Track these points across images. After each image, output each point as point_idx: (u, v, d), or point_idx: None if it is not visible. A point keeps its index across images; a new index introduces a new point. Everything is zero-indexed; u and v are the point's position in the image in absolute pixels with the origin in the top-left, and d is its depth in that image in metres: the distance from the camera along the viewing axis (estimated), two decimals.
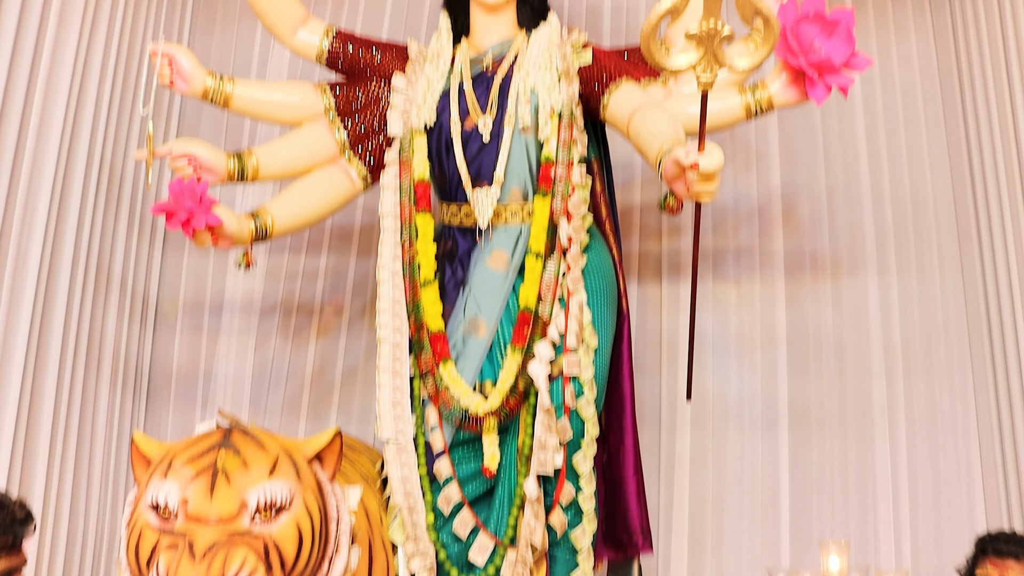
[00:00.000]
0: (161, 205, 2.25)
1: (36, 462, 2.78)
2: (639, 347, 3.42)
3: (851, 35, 2.29)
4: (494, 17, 2.63)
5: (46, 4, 2.80)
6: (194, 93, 2.57)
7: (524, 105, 2.51)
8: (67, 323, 2.96)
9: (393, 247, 2.54)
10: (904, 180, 3.55)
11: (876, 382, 3.41)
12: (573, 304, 2.43)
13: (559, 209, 2.46)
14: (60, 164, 2.89)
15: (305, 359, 3.50)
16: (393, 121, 2.63)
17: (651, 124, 2.15)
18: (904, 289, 3.47)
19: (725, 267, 3.52)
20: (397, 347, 2.48)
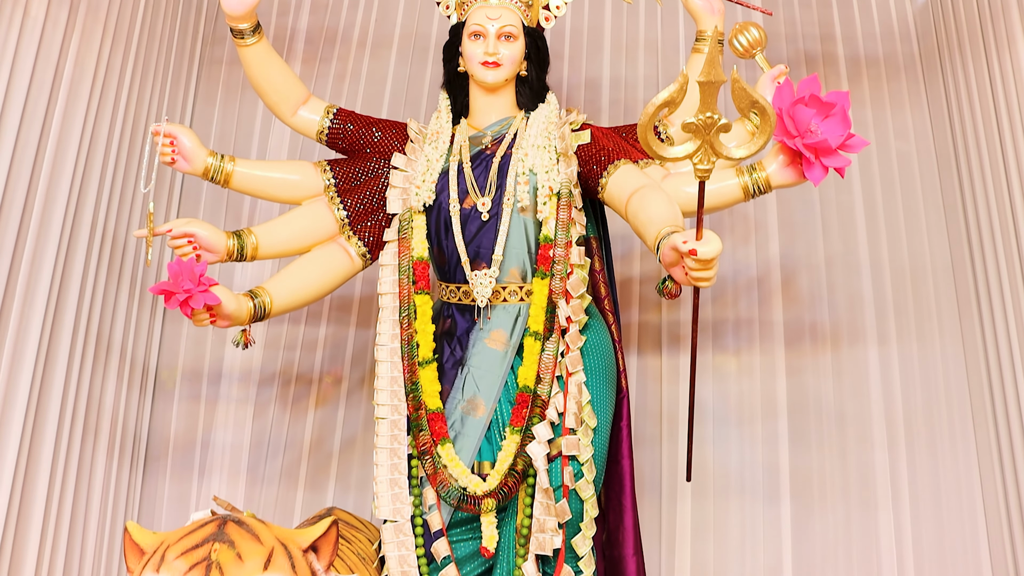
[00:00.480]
0: (160, 285, 2.26)
1: (30, 530, 2.76)
2: (639, 418, 3.42)
3: (847, 117, 2.31)
4: (493, 97, 2.67)
5: (56, 75, 2.85)
6: (195, 172, 2.60)
7: (523, 185, 2.53)
8: (66, 390, 2.96)
9: (392, 326, 2.55)
10: (903, 250, 3.57)
11: (878, 452, 3.40)
12: (572, 385, 2.43)
13: (558, 290, 2.47)
14: (64, 234, 2.92)
15: (303, 429, 3.49)
16: (392, 200, 2.65)
17: (649, 207, 2.16)
18: (905, 358, 3.47)
19: (725, 338, 3.52)
20: (395, 426, 2.47)
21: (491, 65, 2.59)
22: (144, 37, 3.34)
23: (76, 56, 2.94)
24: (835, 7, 3.87)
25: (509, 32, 2.60)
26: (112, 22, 3.12)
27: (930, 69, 3.72)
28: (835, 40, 3.84)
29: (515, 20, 2.62)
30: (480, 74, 2.61)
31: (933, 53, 3.70)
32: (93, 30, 3.02)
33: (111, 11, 3.12)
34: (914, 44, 3.81)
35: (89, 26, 3.00)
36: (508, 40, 2.61)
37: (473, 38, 2.62)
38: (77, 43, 2.94)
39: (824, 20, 3.86)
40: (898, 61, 3.80)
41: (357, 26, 3.91)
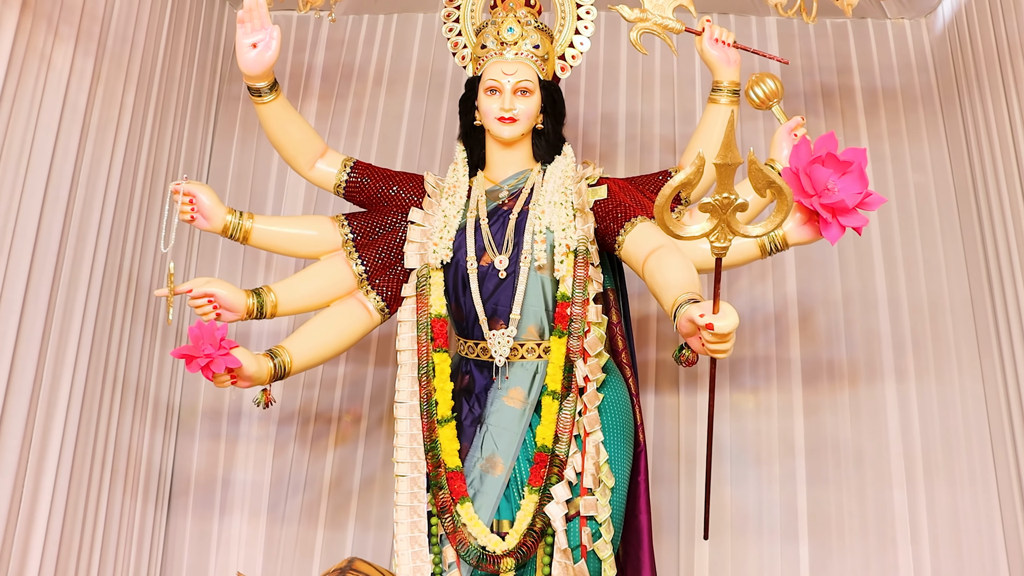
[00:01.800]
0: (181, 350, 2.29)
1: (55, 569, 2.79)
2: (656, 456, 3.43)
3: (864, 175, 2.30)
4: (510, 151, 2.68)
5: (84, 124, 2.90)
6: (214, 230, 2.62)
7: (540, 244, 2.54)
8: (96, 430, 3.02)
9: (410, 383, 2.57)
10: (920, 286, 3.55)
11: (897, 490, 3.39)
12: (590, 444, 2.44)
13: (575, 349, 2.48)
14: (94, 278, 2.97)
15: (323, 467, 3.51)
16: (410, 255, 2.66)
17: (666, 271, 2.17)
18: (923, 395, 3.46)
19: (742, 376, 3.52)
20: (415, 483, 2.49)
21: (507, 121, 2.61)
22: (164, 78, 3.38)
23: (101, 104, 2.98)
24: (852, 39, 3.86)
25: (525, 87, 2.62)
26: (135, 67, 3.16)
27: (948, 101, 3.70)
28: (852, 72, 3.83)
29: (531, 75, 2.63)
30: (496, 129, 2.63)
31: (951, 84, 3.68)
32: (116, 77, 3.06)
33: (133, 56, 3.15)
34: (932, 75, 3.79)
35: (112, 73, 3.04)
36: (524, 95, 2.62)
37: (489, 93, 2.63)
38: (102, 91, 2.98)
39: (840, 52, 3.85)
40: (915, 93, 3.78)
41: (373, 62, 3.93)
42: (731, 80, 2.70)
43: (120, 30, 3.08)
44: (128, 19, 3.12)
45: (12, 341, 2.60)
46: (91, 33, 2.92)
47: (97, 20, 2.95)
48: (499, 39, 2.65)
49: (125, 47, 3.12)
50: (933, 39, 3.81)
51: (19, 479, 2.67)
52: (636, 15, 2.78)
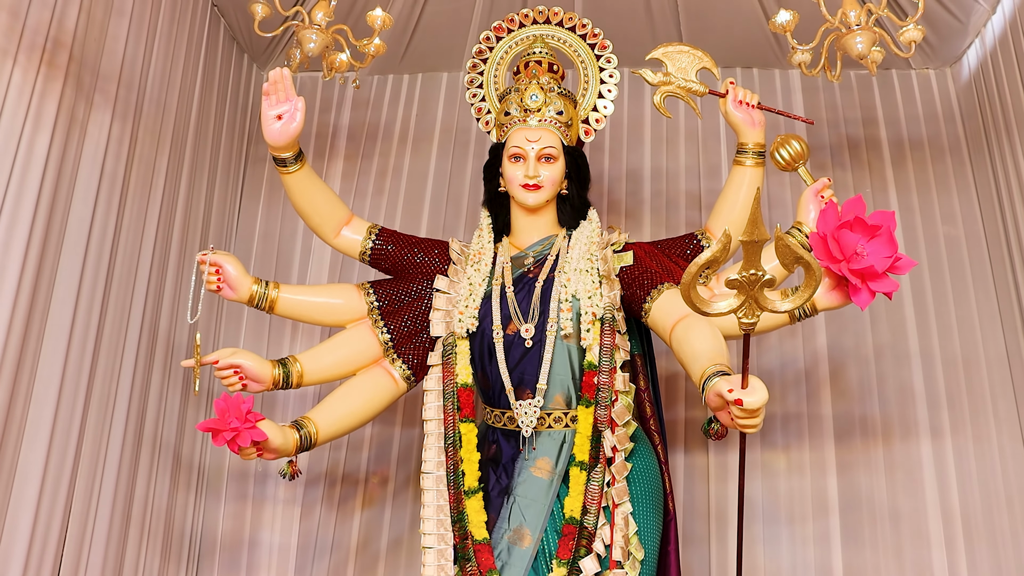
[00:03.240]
0: (207, 423, 2.29)
1: None
2: (687, 517, 3.37)
3: (893, 238, 2.27)
4: (535, 217, 2.68)
5: (124, 188, 2.96)
6: (240, 299, 2.63)
7: (565, 312, 2.53)
8: (134, 493, 3.06)
9: (437, 453, 2.54)
10: (954, 339, 3.50)
11: (936, 550, 3.31)
12: (619, 516, 2.40)
13: (603, 418, 2.45)
14: (130, 340, 3.01)
15: (350, 529, 3.50)
16: (436, 323, 2.66)
17: (694, 341, 2.14)
18: (960, 453, 3.39)
19: (773, 433, 3.47)
20: (442, 555, 2.46)
21: (532, 188, 2.61)
22: (196, 141, 3.45)
23: (137, 169, 3.05)
24: (876, 90, 3.85)
25: (549, 153, 2.62)
26: (167, 131, 3.23)
27: (976, 150, 3.67)
28: (878, 124, 3.81)
29: (555, 141, 2.63)
30: (521, 196, 2.63)
31: (979, 134, 3.65)
32: (150, 142, 3.13)
33: (166, 120, 3.22)
34: (959, 125, 3.76)
35: (146, 138, 3.10)
36: (548, 161, 2.62)
37: (513, 160, 2.63)
38: (137, 157, 3.05)
39: (866, 104, 3.84)
40: (943, 143, 3.75)
41: (398, 122, 3.96)
42: (756, 142, 2.68)
43: (154, 95, 3.14)
44: (161, 84, 3.19)
45: (54, 401, 2.63)
46: (128, 101, 2.98)
47: (133, 87, 3.01)
48: (522, 106, 2.66)
49: (159, 112, 3.18)
50: (959, 89, 3.79)
51: (61, 537, 2.69)
52: (659, 79, 2.78)
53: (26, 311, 2.52)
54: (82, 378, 2.78)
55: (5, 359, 2.44)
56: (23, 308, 2.51)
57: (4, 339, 2.43)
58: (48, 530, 2.64)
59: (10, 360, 2.46)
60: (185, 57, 3.35)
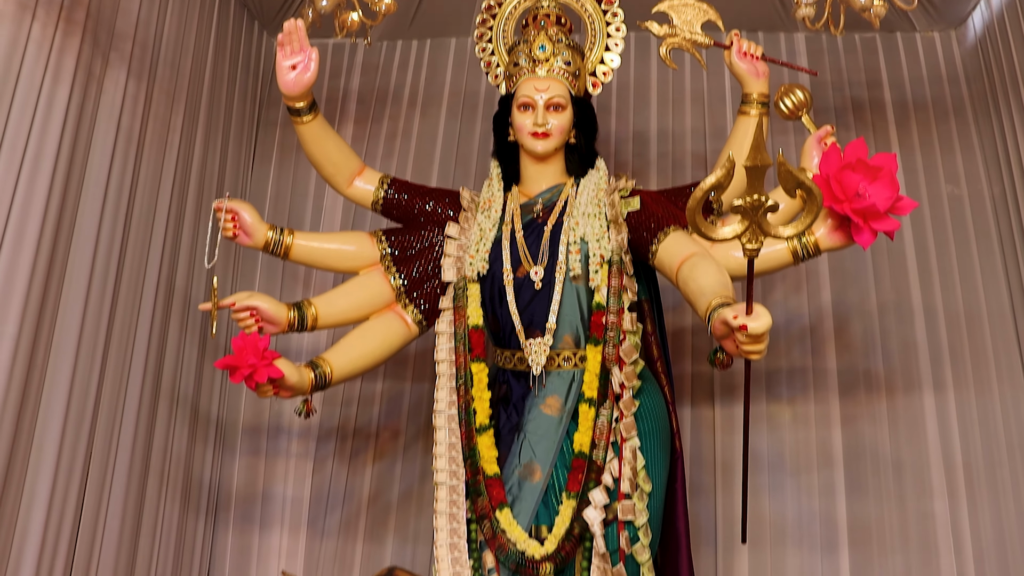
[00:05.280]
0: (225, 360, 2.35)
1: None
2: (694, 468, 3.43)
3: (894, 179, 2.33)
4: (543, 165, 2.73)
5: (139, 145, 3.02)
6: (256, 246, 2.69)
7: (574, 254, 2.59)
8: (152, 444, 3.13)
9: (449, 393, 2.61)
10: (956, 295, 3.54)
11: (938, 500, 3.36)
12: (626, 450, 2.46)
13: (611, 357, 2.52)
14: (147, 293, 3.08)
15: (362, 482, 3.56)
16: (447, 269, 2.72)
17: (699, 277, 2.20)
18: (962, 406, 3.44)
19: (779, 387, 3.52)
20: (454, 491, 2.52)
21: (540, 136, 2.66)
22: (209, 103, 3.51)
23: (152, 127, 3.11)
24: (881, 53, 3.88)
25: (557, 103, 2.67)
26: (182, 92, 3.29)
27: (982, 112, 3.71)
28: (882, 86, 3.85)
29: (563, 91, 2.69)
30: (530, 144, 2.68)
31: (984, 95, 3.68)
32: (165, 102, 3.19)
33: (180, 82, 3.28)
34: (963, 87, 3.80)
35: (161, 98, 3.16)
36: (556, 110, 2.67)
37: (522, 109, 2.69)
38: (153, 115, 3.11)
39: (870, 66, 3.88)
40: (947, 105, 3.79)
41: (407, 86, 4.01)
42: (760, 92, 2.73)
43: (168, 56, 3.20)
44: (175, 45, 3.24)
45: (73, 354, 2.70)
46: (143, 60, 3.04)
47: (147, 48, 3.07)
48: (531, 57, 2.71)
49: (173, 73, 3.24)
50: (964, 51, 3.82)
51: (81, 487, 2.77)
52: (665, 31, 2.83)
53: (47, 263, 2.58)
54: (100, 331, 2.84)
55: (26, 313, 2.50)
56: (44, 260, 2.57)
57: (25, 292, 2.49)
58: (69, 480, 2.70)
59: (31, 313, 2.52)
60: (198, 21, 3.41)
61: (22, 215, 2.51)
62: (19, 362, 2.48)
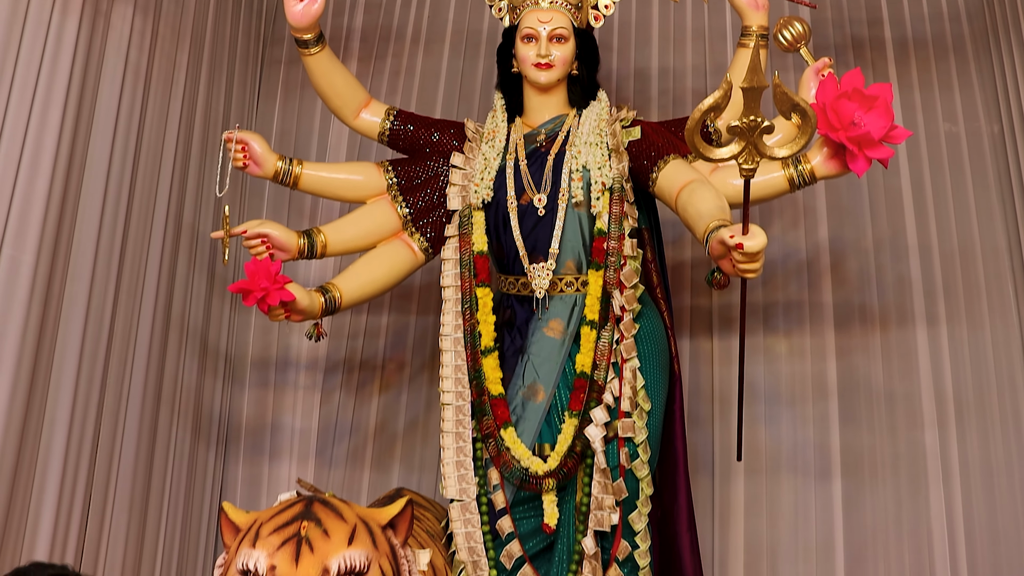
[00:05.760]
0: (238, 284, 2.42)
1: (117, 503, 2.96)
2: (692, 399, 3.52)
3: (889, 109, 2.38)
4: (546, 96, 2.79)
5: (147, 80, 3.05)
6: (265, 175, 2.76)
7: (576, 182, 2.65)
8: (163, 376, 3.21)
9: (455, 317, 2.69)
10: (951, 232, 3.59)
11: (929, 432, 3.44)
12: (627, 370, 2.56)
13: (612, 280, 2.59)
14: (156, 227, 3.14)
15: (368, 413, 3.64)
16: (452, 197, 2.79)
17: (698, 202, 2.27)
18: (954, 340, 3.50)
19: (775, 320, 3.60)
20: (460, 411, 2.62)
21: (543, 67, 2.71)
22: (214, 40, 3.53)
23: (159, 62, 3.14)
24: None
25: (560, 34, 2.72)
26: (187, 29, 3.31)
27: (982, 50, 3.72)
28: (882, 24, 3.86)
29: (565, 22, 2.73)
30: (533, 75, 2.73)
31: (984, 34, 3.70)
32: (171, 38, 3.22)
33: (185, 18, 3.30)
34: (964, 25, 3.81)
35: (167, 34, 3.19)
36: (559, 42, 2.72)
37: (525, 41, 2.73)
38: (159, 51, 3.14)
39: (871, 4, 3.89)
40: (947, 42, 3.81)
41: (410, 24, 4.03)
42: (760, 24, 2.77)
43: None
44: None
45: (87, 286, 2.77)
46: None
47: None
48: None
49: (178, 9, 3.26)
50: None
51: (98, 416, 2.85)
52: None
53: (60, 198, 2.63)
54: (112, 265, 2.90)
55: (42, 246, 2.56)
56: (57, 196, 2.62)
57: (40, 226, 2.55)
58: (87, 409, 2.78)
59: (46, 247, 2.58)
60: None
61: (35, 150, 2.55)
62: (36, 294, 2.54)
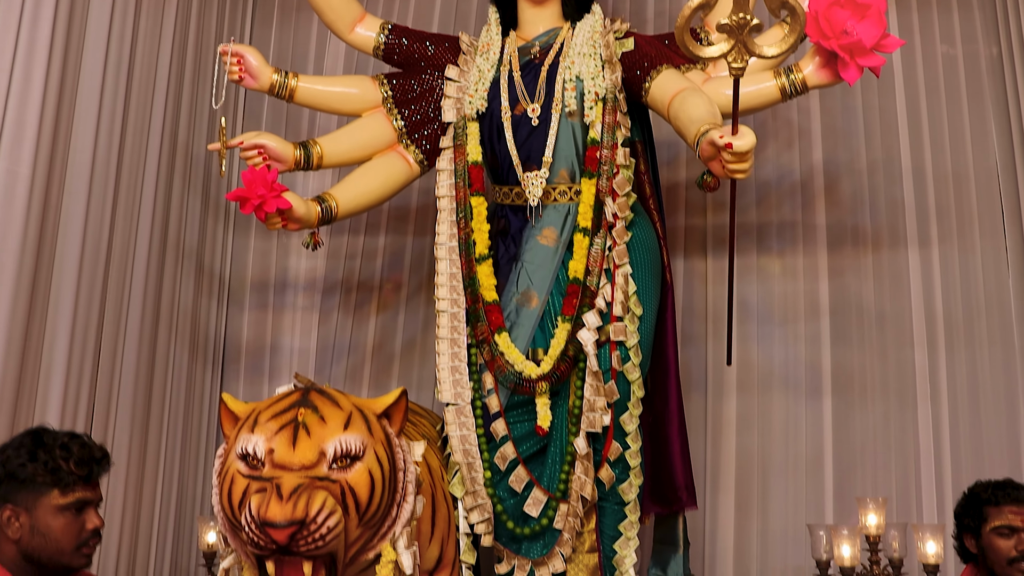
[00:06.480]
0: (236, 192, 2.46)
1: (118, 422, 3.02)
2: (686, 318, 3.57)
3: (882, 17, 2.39)
4: (540, 9, 2.80)
5: (138, 6, 3.04)
6: (261, 88, 2.77)
7: (570, 92, 2.67)
8: (161, 297, 3.24)
9: (450, 226, 2.73)
10: (945, 155, 3.61)
11: (918, 351, 3.51)
12: (619, 276, 2.60)
13: (604, 188, 2.62)
14: (151, 147, 3.14)
15: (366, 333, 3.69)
16: (447, 109, 2.80)
17: (690, 108, 2.30)
18: (945, 262, 3.54)
19: (769, 240, 3.64)
20: (455, 318, 2.67)
21: None
22: None
23: None
24: None
25: None
26: None
27: None
28: None
29: None
30: None
31: None
32: None
33: None
34: None
35: None
36: None
37: None
38: None
39: None
40: None
41: None
42: None
43: None
44: None
45: (83, 208, 2.79)
46: None
47: None
48: None
49: None
50: None
51: (98, 333, 2.90)
52: None
53: (54, 114, 2.64)
54: (108, 187, 2.91)
55: (36, 170, 2.57)
56: (51, 110, 2.62)
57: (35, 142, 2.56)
58: (87, 327, 2.82)
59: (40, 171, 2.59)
60: None
61: (26, 68, 2.55)
62: (33, 211, 2.56)
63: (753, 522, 3.45)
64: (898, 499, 3.40)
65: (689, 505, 2.74)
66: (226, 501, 1.88)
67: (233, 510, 1.86)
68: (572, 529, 2.51)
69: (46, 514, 2.04)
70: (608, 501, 2.59)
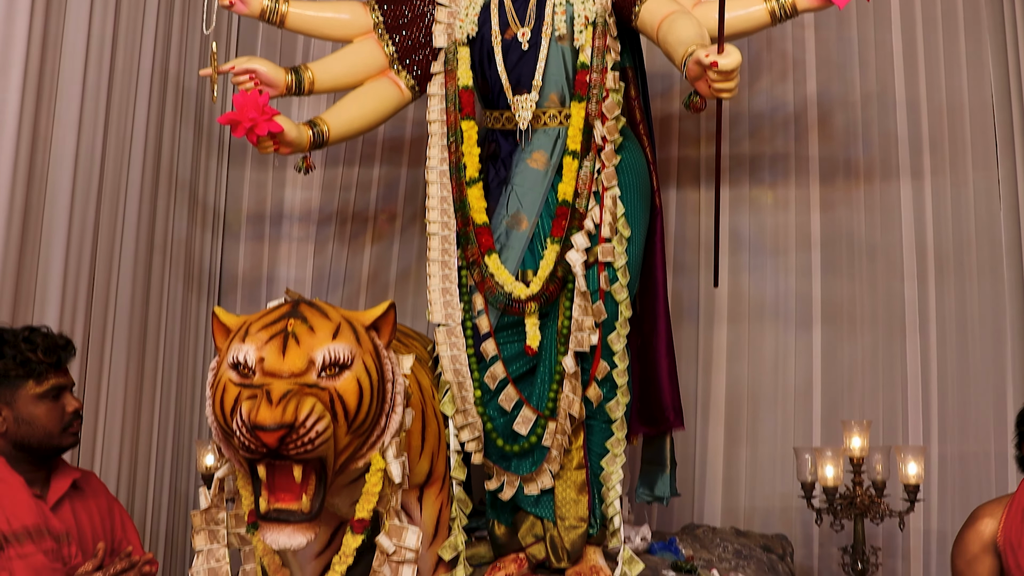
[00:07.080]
0: (227, 116, 2.47)
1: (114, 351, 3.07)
2: (678, 248, 3.61)
3: None
4: None
5: None
6: (251, 13, 2.77)
7: (560, 15, 2.67)
8: (155, 228, 3.26)
9: (440, 150, 2.74)
10: (940, 86, 3.61)
11: (907, 282, 3.55)
12: (607, 198, 2.62)
13: (594, 112, 2.63)
14: (142, 81, 3.14)
15: (361, 263, 3.74)
16: (438, 34, 2.81)
17: (678, 29, 2.31)
18: (937, 194, 3.57)
19: (761, 171, 3.66)
20: (445, 240, 2.69)
21: None
22: None
23: None
24: None
25: None
26: None
27: None
28: None
29: None
30: None
31: None
32: None
33: None
34: None
35: None
36: None
37: None
38: None
39: None
40: None
41: None
42: None
43: None
44: None
45: (73, 144, 2.80)
46: None
47: None
48: None
49: None
50: None
51: (92, 264, 2.93)
52: None
53: (40, 41, 2.65)
54: (99, 117, 2.92)
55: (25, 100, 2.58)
56: (37, 37, 2.63)
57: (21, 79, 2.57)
58: (80, 261, 2.86)
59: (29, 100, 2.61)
60: None
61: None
62: (23, 140, 2.58)
63: (743, 448, 3.53)
64: (884, 425, 3.47)
65: (676, 425, 2.80)
66: (219, 409, 1.93)
67: (225, 417, 1.91)
68: (560, 446, 2.56)
69: (27, 404, 2.19)
70: (596, 419, 2.64)
